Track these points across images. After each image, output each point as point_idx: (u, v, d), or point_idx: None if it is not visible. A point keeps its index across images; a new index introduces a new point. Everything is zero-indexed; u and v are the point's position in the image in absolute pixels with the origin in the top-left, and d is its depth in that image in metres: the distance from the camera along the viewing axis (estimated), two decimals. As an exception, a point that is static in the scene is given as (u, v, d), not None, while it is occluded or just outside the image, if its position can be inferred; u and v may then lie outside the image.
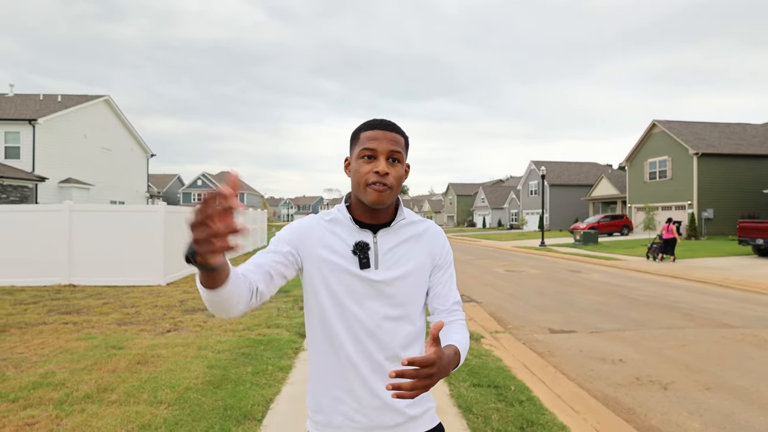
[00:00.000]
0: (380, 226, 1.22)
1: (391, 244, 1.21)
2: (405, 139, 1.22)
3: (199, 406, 3.41)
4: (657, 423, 3.61)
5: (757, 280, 11.33)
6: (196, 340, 5.29)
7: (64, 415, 3.24)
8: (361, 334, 1.16)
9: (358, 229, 1.20)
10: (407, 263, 1.21)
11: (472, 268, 15.06)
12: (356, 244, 1.18)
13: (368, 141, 1.17)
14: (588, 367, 5.01)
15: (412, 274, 1.21)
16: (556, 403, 3.79)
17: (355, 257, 1.17)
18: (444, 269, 1.28)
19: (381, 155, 1.15)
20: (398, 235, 1.23)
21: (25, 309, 7.02)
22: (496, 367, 4.52)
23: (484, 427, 3.17)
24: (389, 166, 1.16)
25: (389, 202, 1.17)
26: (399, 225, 1.23)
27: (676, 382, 4.46)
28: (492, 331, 6.51)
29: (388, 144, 1.16)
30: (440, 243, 1.29)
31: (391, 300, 1.18)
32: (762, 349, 5.54)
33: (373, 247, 1.19)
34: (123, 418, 3.19)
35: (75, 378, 3.95)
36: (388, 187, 1.15)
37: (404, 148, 1.21)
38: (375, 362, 1.17)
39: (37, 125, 21.28)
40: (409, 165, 1.28)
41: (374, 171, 1.14)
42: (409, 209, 1.30)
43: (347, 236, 1.20)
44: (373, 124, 1.19)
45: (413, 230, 1.26)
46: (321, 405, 1.20)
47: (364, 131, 1.19)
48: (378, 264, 1.19)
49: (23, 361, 4.41)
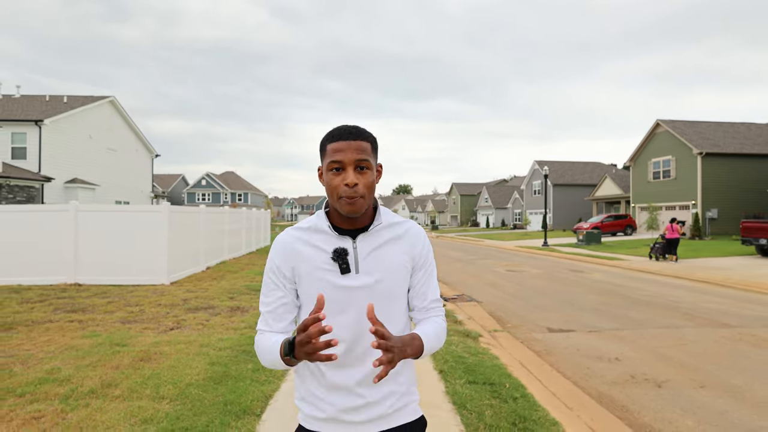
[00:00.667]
0: (360, 230, 1.25)
1: (371, 248, 1.24)
2: (372, 143, 1.24)
3: (200, 402, 3.50)
4: (650, 420, 3.66)
5: (759, 280, 11.32)
6: (199, 337, 5.38)
7: (69, 409, 3.33)
8: (343, 337, 1.21)
9: (337, 236, 1.23)
10: (387, 266, 1.24)
11: (474, 267, 15.10)
12: (335, 251, 1.21)
13: (334, 153, 1.19)
14: (584, 365, 5.06)
15: (392, 276, 1.24)
16: (550, 400, 3.86)
17: (335, 264, 1.21)
18: (424, 269, 1.32)
19: (348, 166, 1.18)
20: (378, 237, 1.26)
21: (31, 307, 7.15)
22: (492, 365, 4.59)
23: (477, 422, 3.24)
24: (358, 176, 1.18)
25: (363, 209, 1.20)
26: (378, 228, 1.26)
27: (671, 381, 4.51)
28: (491, 330, 6.57)
29: (353, 154, 1.18)
30: (420, 244, 1.31)
31: (372, 301, 1.19)
32: (759, 348, 5.57)
33: (352, 252, 1.22)
34: (126, 413, 3.28)
35: (80, 374, 4.05)
36: (360, 196, 1.18)
37: (371, 153, 1.23)
38: (357, 357, 1.22)
39: (43, 126, 21.49)
40: (381, 165, 1.30)
41: (344, 183, 1.17)
42: (389, 209, 1.32)
43: (326, 245, 1.23)
44: (337, 134, 1.21)
45: (393, 232, 1.28)
46: (308, 399, 1.27)
47: (329, 143, 1.21)
48: (358, 268, 1.22)
49: (30, 358, 4.52)
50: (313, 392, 1.26)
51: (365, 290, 1.22)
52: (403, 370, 1.28)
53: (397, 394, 1.27)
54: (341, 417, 1.23)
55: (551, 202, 43.07)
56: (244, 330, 5.81)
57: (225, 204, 58.72)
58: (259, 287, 9.38)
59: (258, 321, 1.28)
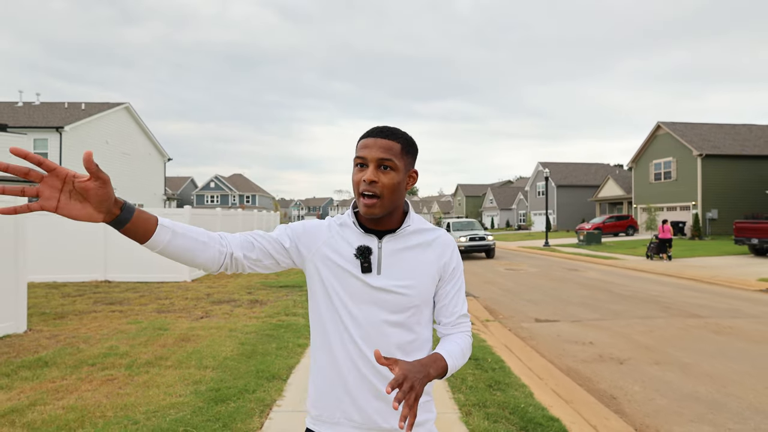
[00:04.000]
0: (386, 231, 1.22)
1: (397, 250, 1.21)
2: (402, 144, 1.20)
3: (236, 370, 4.32)
4: (605, 387, 4.43)
5: (745, 278, 11.96)
6: (226, 324, 6.22)
7: (134, 374, 4.17)
8: (358, 337, 1.17)
9: (363, 234, 1.21)
10: (411, 271, 1.20)
11: (475, 267, 15.86)
12: (358, 248, 1.19)
13: (360, 149, 1.18)
14: (561, 347, 5.83)
15: (415, 283, 1.20)
16: (524, 372, 4.63)
17: (357, 261, 1.18)
18: (452, 282, 1.27)
19: (371, 163, 1.15)
20: (404, 241, 1.22)
21: (74, 300, 8.03)
22: (479, 345, 5.37)
23: (460, 385, 4.03)
24: (379, 174, 1.15)
25: (381, 213, 1.17)
26: (405, 232, 1.23)
27: (632, 359, 5.27)
28: (483, 320, 7.34)
29: (378, 152, 1.15)
30: (449, 254, 1.26)
31: (389, 306, 1.18)
32: (718, 335, 6.30)
33: (376, 252, 1.19)
34: (180, 377, 4.11)
35: (135, 351, 4.90)
36: (377, 196, 1.15)
37: (400, 154, 1.18)
38: (372, 364, 1.17)
39: (63, 132, 22.60)
40: (416, 171, 1.27)
41: (363, 179, 1.15)
42: (421, 216, 1.29)
43: (353, 240, 1.21)
44: (369, 131, 1.20)
45: (422, 238, 1.25)
46: (321, 401, 1.22)
47: (361, 140, 1.20)
48: (380, 269, 1.18)
49: (89, 339, 5.38)
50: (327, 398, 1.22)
51: (385, 294, 1.17)
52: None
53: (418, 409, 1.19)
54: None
55: (555, 202, 43.66)
56: (265, 318, 6.63)
57: (233, 206, 59.83)
58: (272, 284, 10.23)
59: None
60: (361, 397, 1.18)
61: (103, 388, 3.85)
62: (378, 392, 1.18)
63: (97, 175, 0.89)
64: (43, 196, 0.88)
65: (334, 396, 1.20)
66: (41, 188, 0.88)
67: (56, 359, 4.58)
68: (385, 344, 1.17)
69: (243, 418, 3.30)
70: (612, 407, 3.95)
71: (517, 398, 3.76)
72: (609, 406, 3.98)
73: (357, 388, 1.18)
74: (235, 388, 3.86)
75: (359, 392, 1.18)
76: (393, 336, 1.18)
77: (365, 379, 1.17)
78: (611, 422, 3.60)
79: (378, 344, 1.17)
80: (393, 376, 1.13)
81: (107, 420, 3.24)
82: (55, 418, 3.24)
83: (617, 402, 4.08)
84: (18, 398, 3.63)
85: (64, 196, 0.90)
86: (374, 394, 1.18)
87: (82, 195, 0.91)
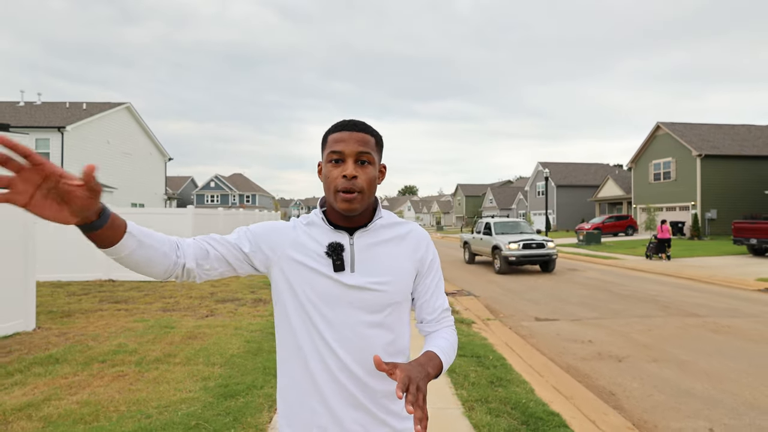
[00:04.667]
0: (357, 228, 1.16)
1: (369, 246, 1.15)
2: (376, 138, 1.16)
3: (243, 366, 4.42)
4: (604, 384, 4.53)
5: (743, 277, 12.06)
6: (231, 322, 6.31)
7: (144, 371, 4.27)
8: (333, 342, 1.10)
9: (333, 231, 1.15)
10: (387, 267, 1.15)
11: (475, 266, 15.96)
12: (329, 246, 1.12)
13: (335, 143, 1.12)
14: (561, 345, 5.92)
15: (392, 279, 1.14)
16: (525, 369, 4.73)
17: (329, 259, 1.11)
18: (431, 276, 1.22)
19: (349, 157, 1.10)
20: (377, 235, 1.17)
21: (79, 299, 8.12)
22: (480, 343, 5.47)
23: (463, 381, 4.12)
24: (358, 169, 1.10)
25: (361, 208, 1.12)
26: (377, 226, 1.17)
27: (631, 357, 5.37)
28: (484, 319, 7.44)
29: (355, 145, 1.10)
30: (424, 248, 1.22)
31: (367, 305, 1.11)
32: (716, 333, 6.40)
33: (348, 249, 1.13)
34: (189, 373, 4.20)
35: (143, 348, 4.99)
36: (358, 192, 1.10)
37: (375, 148, 1.15)
38: (350, 370, 1.10)
39: (65, 132, 22.68)
40: (385, 166, 1.22)
41: (342, 175, 1.09)
42: (389, 211, 1.24)
43: (322, 238, 1.14)
44: (340, 125, 1.14)
45: (394, 232, 1.19)
46: (295, 418, 1.14)
47: (331, 133, 1.14)
48: (354, 267, 1.12)
49: (98, 336, 5.47)
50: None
51: (361, 292, 1.11)
52: (394, 398, 1.15)
53: (402, 415, 1.17)
54: None
55: (555, 202, 43.78)
56: (269, 317, 6.72)
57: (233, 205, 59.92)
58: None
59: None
60: (339, 408, 1.10)
61: (114, 384, 3.95)
62: (357, 402, 1.11)
63: (91, 185, 0.82)
64: (14, 188, 0.78)
65: (309, 409, 1.12)
66: (14, 180, 0.78)
67: (67, 356, 4.68)
68: (364, 347, 1.11)
69: (252, 412, 3.40)
70: (611, 403, 4.05)
71: (518, 394, 3.86)
72: (608, 402, 4.08)
73: (334, 398, 1.10)
74: (243, 384, 3.96)
75: (336, 403, 1.11)
76: (372, 338, 1.12)
77: (343, 388, 1.11)
78: (610, 417, 3.70)
79: (356, 347, 1.11)
80: (373, 384, 1.11)
81: (121, 414, 3.34)
82: (70, 412, 3.34)
83: (616, 398, 4.18)
84: (33, 393, 3.72)
85: (40, 193, 0.81)
86: (353, 404, 1.11)
87: (63, 197, 0.82)
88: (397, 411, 1.16)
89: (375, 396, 1.13)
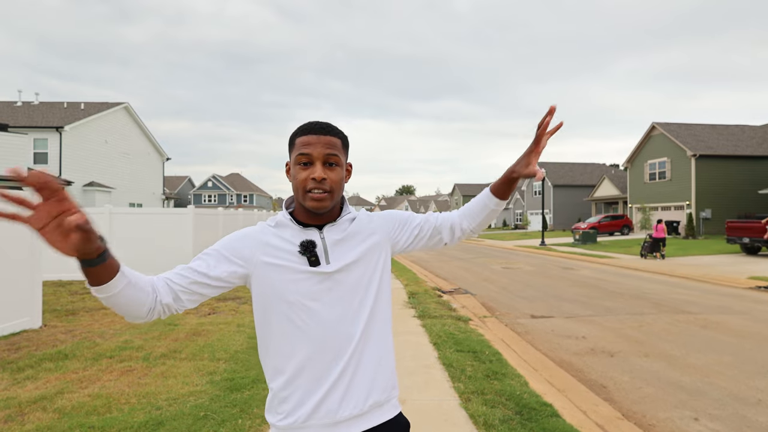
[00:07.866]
0: (325, 224, 1.22)
1: (339, 236, 1.21)
2: (342, 140, 1.21)
3: (247, 362, 4.56)
4: (596, 377, 4.70)
5: (735, 276, 12.29)
6: (234, 320, 6.45)
7: (151, 366, 4.41)
8: (322, 333, 1.14)
9: (302, 229, 1.19)
10: (360, 249, 1.22)
11: (473, 266, 16.13)
12: (301, 244, 1.16)
13: (303, 146, 1.16)
14: (555, 341, 6.09)
15: (365, 256, 1.22)
16: (520, 364, 4.90)
17: (303, 257, 1.16)
18: (408, 221, 1.34)
19: (317, 160, 1.15)
20: (345, 227, 1.23)
21: (82, 297, 8.24)
22: (477, 339, 5.63)
23: (459, 374, 4.28)
24: (326, 171, 1.16)
25: (330, 206, 1.18)
26: (344, 219, 1.24)
27: (622, 351, 5.54)
28: (481, 316, 7.60)
29: (323, 148, 1.16)
30: (377, 218, 1.32)
31: (348, 287, 1.18)
32: (705, 329, 6.58)
33: (320, 243, 1.18)
34: (195, 368, 4.34)
35: (149, 344, 5.13)
36: (327, 192, 1.15)
37: (342, 149, 1.20)
38: (338, 353, 1.15)
39: (63, 132, 22.72)
40: (351, 165, 1.28)
41: (311, 177, 1.14)
42: (353, 207, 1.32)
43: (293, 238, 1.18)
44: (307, 128, 1.18)
45: (361, 223, 1.27)
46: (288, 401, 1.16)
47: (299, 136, 1.18)
48: (329, 259, 1.18)
49: (104, 333, 5.60)
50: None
51: (341, 274, 1.18)
52: (378, 375, 1.21)
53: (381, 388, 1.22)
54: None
55: (552, 202, 44.05)
56: (270, 315, 6.86)
57: (231, 205, 59.95)
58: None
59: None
60: (330, 397, 1.15)
61: (123, 378, 4.09)
62: (347, 387, 1.16)
63: (85, 229, 0.87)
64: (37, 213, 0.86)
65: (306, 389, 1.16)
66: (39, 207, 0.86)
67: (75, 352, 4.81)
68: (353, 331, 1.16)
69: (258, 404, 3.55)
70: (602, 395, 4.22)
71: (513, 386, 4.02)
72: (599, 394, 4.25)
73: (324, 385, 1.15)
74: (248, 378, 4.10)
75: (328, 390, 1.15)
76: (356, 317, 1.17)
77: (332, 375, 1.15)
78: (600, 408, 3.87)
79: (346, 332, 1.16)
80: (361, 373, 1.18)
81: (132, 406, 3.48)
82: (83, 405, 3.48)
83: (607, 390, 4.35)
84: (45, 387, 3.86)
85: (54, 222, 0.87)
86: (343, 389, 1.15)
87: (63, 233, 0.88)
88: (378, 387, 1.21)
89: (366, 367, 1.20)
